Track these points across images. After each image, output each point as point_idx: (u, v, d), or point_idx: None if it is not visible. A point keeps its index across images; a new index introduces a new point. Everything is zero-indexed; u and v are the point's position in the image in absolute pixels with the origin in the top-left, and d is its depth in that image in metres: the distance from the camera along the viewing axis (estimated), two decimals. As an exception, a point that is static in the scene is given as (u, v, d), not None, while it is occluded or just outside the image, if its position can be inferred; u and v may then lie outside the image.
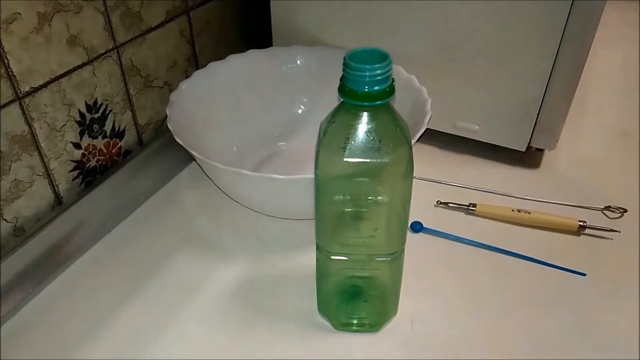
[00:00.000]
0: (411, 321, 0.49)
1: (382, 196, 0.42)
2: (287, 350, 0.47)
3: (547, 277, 0.53)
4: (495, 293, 0.52)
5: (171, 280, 0.53)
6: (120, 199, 0.60)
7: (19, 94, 0.50)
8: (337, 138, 0.39)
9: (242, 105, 0.67)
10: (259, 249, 0.57)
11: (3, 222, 0.52)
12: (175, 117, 0.57)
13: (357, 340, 0.48)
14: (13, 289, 0.50)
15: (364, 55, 0.36)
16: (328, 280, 0.47)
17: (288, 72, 0.69)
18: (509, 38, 0.59)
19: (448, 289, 0.52)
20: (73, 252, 0.55)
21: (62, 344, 0.47)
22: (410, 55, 0.64)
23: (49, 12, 0.50)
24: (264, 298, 0.52)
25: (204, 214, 0.61)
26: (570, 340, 0.47)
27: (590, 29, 0.55)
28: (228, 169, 0.50)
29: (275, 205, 0.57)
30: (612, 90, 0.84)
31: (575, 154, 0.69)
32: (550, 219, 0.58)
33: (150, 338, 0.48)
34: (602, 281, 0.52)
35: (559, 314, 0.49)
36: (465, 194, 0.62)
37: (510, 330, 0.48)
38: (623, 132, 0.73)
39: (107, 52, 0.58)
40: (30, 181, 0.53)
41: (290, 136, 0.69)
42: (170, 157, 0.65)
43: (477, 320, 0.49)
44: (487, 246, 0.56)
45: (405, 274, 0.47)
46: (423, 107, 0.57)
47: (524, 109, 0.62)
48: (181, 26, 0.67)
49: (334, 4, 0.66)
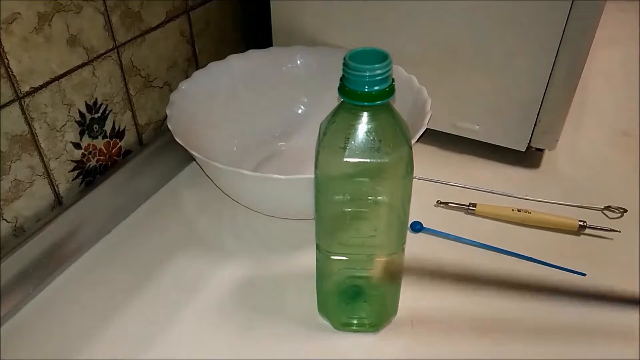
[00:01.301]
0: (411, 321, 0.49)
1: (382, 196, 0.42)
2: (287, 351, 0.47)
3: (547, 277, 0.53)
4: (495, 293, 0.52)
5: (171, 280, 0.53)
6: (120, 199, 0.60)
7: (19, 94, 0.50)
8: (337, 138, 0.39)
9: (242, 106, 0.67)
10: (259, 249, 0.57)
11: (3, 222, 0.52)
12: (175, 117, 0.57)
13: (357, 340, 0.48)
14: (13, 289, 0.50)
15: (364, 55, 0.36)
16: (328, 280, 0.47)
17: (288, 72, 0.69)
18: (509, 38, 0.59)
19: (448, 289, 0.52)
20: (73, 252, 0.55)
21: (62, 344, 0.47)
22: (410, 55, 0.64)
23: (49, 12, 0.50)
24: (264, 298, 0.52)
25: (204, 214, 0.61)
26: (570, 340, 0.47)
27: (590, 29, 0.55)
28: (228, 169, 0.50)
29: (275, 205, 0.57)
30: (612, 90, 0.84)
31: (575, 154, 0.69)
32: (550, 219, 0.58)
33: (150, 338, 0.48)
34: (602, 281, 0.52)
35: (559, 315, 0.49)
36: (465, 194, 0.62)
37: (510, 330, 0.48)
38: (623, 132, 0.73)
39: (107, 52, 0.58)
40: (30, 181, 0.53)
41: (290, 136, 0.69)
42: (170, 157, 0.65)
43: (477, 320, 0.49)
44: (487, 246, 0.56)
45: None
46: (423, 107, 0.57)
47: (524, 109, 0.62)
48: (181, 26, 0.67)
49: (334, 4, 0.66)
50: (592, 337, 0.48)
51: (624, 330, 0.48)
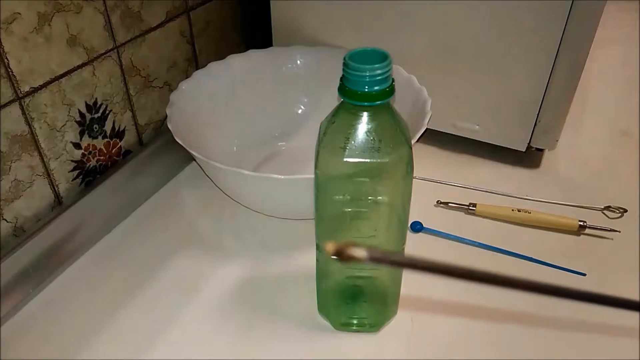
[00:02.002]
0: (411, 321, 0.49)
1: (382, 196, 0.42)
2: (287, 350, 0.47)
3: (547, 277, 0.53)
4: (495, 293, 0.52)
5: (171, 280, 0.53)
6: (120, 199, 0.60)
7: (19, 94, 0.50)
8: (337, 138, 0.39)
9: (242, 106, 0.67)
10: (259, 249, 0.57)
11: (3, 222, 0.52)
12: (175, 117, 0.57)
13: (357, 340, 0.48)
14: (13, 289, 0.50)
15: (364, 55, 0.36)
16: (328, 280, 0.47)
17: (288, 72, 0.69)
18: (509, 38, 0.59)
19: (448, 289, 0.52)
20: (73, 252, 0.55)
21: (62, 344, 0.47)
22: (410, 55, 0.64)
23: (49, 12, 0.50)
24: (264, 298, 0.52)
25: (204, 213, 0.61)
26: (570, 340, 0.47)
27: (590, 29, 0.55)
28: (228, 169, 0.50)
29: (275, 205, 0.57)
30: (612, 90, 0.84)
31: (575, 154, 0.69)
32: (550, 219, 0.58)
33: (150, 338, 0.48)
34: (602, 281, 0.52)
35: (559, 314, 0.49)
36: (465, 194, 0.62)
37: (510, 330, 0.48)
38: (623, 132, 0.73)
39: (107, 52, 0.58)
40: (30, 181, 0.53)
41: (290, 136, 0.69)
42: (170, 157, 0.65)
43: (477, 320, 0.49)
44: (487, 246, 0.56)
45: (405, 273, 0.47)
46: (423, 107, 0.57)
47: (524, 109, 0.62)
48: (181, 26, 0.67)
49: (334, 4, 0.66)
50: (592, 337, 0.48)
51: (624, 330, 0.48)
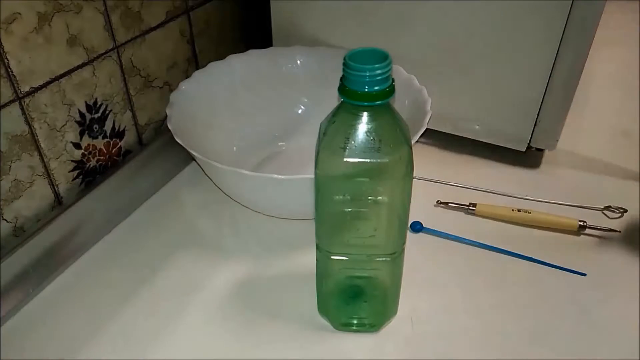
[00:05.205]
0: (411, 321, 0.49)
1: (382, 196, 0.42)
2: (287, 351, 0.47)
3: (547, 277, 0.53)
4: (495, 293, 0.52)
5: (171, 280, 0.53)
6: (120, 199, 0.60)
7: (19, 94, 0.50)
8: (337, 138, 0.39)
9: (242, 105, 0.67)
10: (259, 249, 0.57)
11: (3, 222, 0.52)
12: (175, 117, 0.57)
13: (357, 340, 0.48)
14: (13, 289, 0.50)
15: (364, 55, 0.36)
16: (328, 280, 0.47)
17: (288, 72, 0.69)
18: (509, 38, 0.59)
19: (448, 289, 0.52)
20: (73, 252, 0.55)
21: (62, 344, 0.47)
22: (410, 55, 0.64)
23: (49, 12, 0.50)
24: (264, 298, 0.52)
25: (204, 214, 0.61)
26: (570, 340, 0.47)
27: (590, 29, 0.55)
28: (228, 169, 0.50)
29: (275, 205, 0.57)
30: (612, 90, 0.84)
31: (575, 154, 0.69)
32: (550, 219, 0.58)
33: (150, 338, 0.48)
34: (602, 281, 0.52)
35: (559, 314, 0.49)
36: (465, 194, 0.62)
37: (510, 330, 0.48)
38: (623, 132, 0.73)
39: (107, 52, 0.58)
40: (30, 181, 0.53)
41: (290, 136, 0.69)
42: (170, 157, 0.65)
43: (477, 320, 0.49)
44: (487, 246, 0.56)
45: (405, 274, 0.47)
46: (423, 107, 0.57)
47: (524, 109, 0.62)
48: (181, 26, 0.67)
49: (334, 4, 0.66)
50: (592, 337, 0.48)
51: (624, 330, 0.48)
